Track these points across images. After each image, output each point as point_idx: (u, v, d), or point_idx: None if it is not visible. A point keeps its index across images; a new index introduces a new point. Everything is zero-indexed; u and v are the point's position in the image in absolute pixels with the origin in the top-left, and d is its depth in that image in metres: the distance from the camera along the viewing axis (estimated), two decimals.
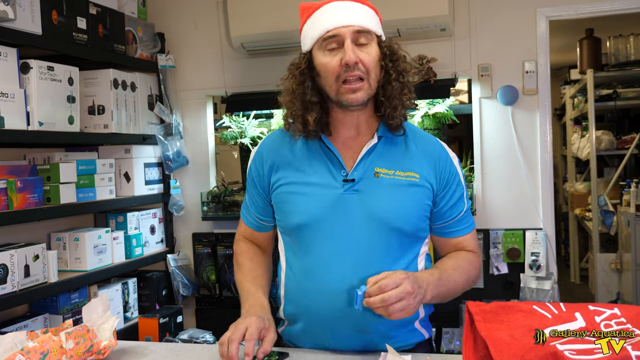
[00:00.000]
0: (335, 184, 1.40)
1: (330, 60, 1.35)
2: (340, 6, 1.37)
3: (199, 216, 3.23)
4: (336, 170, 1.41)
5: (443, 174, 1.44)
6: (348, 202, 1.38)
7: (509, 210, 2.91)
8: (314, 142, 1.45)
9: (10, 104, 2.18)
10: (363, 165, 1.41)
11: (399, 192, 1.39)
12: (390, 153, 1.43)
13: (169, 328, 3.00)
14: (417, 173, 1.41)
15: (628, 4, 2.76)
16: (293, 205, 1.42)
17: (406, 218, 1.39)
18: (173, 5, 3.28)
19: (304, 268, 1.42)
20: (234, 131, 3.25)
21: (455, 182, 1.47)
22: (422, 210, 1.42)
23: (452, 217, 1.47)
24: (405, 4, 2.71)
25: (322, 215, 1.38)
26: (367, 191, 1.38)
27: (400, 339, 1.43)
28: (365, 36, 1.36)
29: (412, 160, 1.43)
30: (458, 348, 2.84)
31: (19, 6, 2.18)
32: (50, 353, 1.22)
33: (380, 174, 1.40)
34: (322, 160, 1.43)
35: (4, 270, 2.17)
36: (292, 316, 1.48)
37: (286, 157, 1.47)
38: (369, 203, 1.38)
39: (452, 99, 3.03)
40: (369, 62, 1.36)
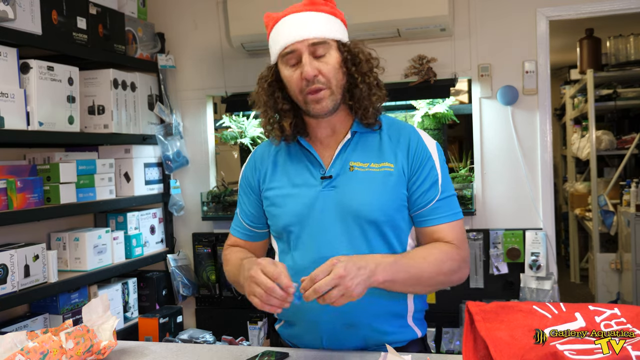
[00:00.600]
0: (315, 182, 1.44)
1: (292, 75, 1.39)
2: (295, 20, 1.39)
3: (199, 216, 3.23)
4: (315, 169, 1.46)
5: (415, 158, 1.44)
6: (327, 199, 1.42)
7: (509, 210, 2.91)
8: (294, 146, 1.50)
9: (10, 104, 2.18)
10: (339, 161, 1.44)
11: (374, 184, 1.41)
12: (365, 146, 1.46)
13: (169, 328, 3.00)
14: (392, 163, 1.43)
15: (628, 4, 2.76)
16: (280, 208, 1.47)
17: (382, 209, 1.41)
18: (173, 5, 3.28)
19: (293, 267, 1.44)
20: (234, 131, 3.25)
21: (429, 167, 1.44)
22: (399, 200, 1.43)
23: (424, 203, 1.43)
24: (405, 4, 2.72)
25: (305, 214, 1.43)
26: (343, 186, 1.42)
27: (392, 335, 1.43)
28: (322, 46, 1.38)
29: (386, 150, 1.45)
30: (458, 348, 2.84)
31: (19, 6, 2.18)
32: (50, 353, 1.22)
33: (355, 168, 1.43)
34: (302, 161, 1.48)
35: (4, 270, 2.17)
36: (286, 315, 1.50)
37: (272, 164, 1.52)
38: (345, 197, 1.41)
39: (452, 99, 3.03)
40: (328, 72, 1.38)
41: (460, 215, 1.47)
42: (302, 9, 1.40)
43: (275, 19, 1.43)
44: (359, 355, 1.37)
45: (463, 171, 3.08)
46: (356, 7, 2.76)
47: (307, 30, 1.37)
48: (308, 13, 1.40)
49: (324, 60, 1.38)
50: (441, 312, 2.99)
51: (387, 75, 3.19)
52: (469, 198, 2.88)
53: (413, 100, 3.06)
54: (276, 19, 1.43)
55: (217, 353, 1.42)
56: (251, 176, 1.56)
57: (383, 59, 1.52)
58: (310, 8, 1.41)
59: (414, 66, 2.94)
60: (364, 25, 2.78)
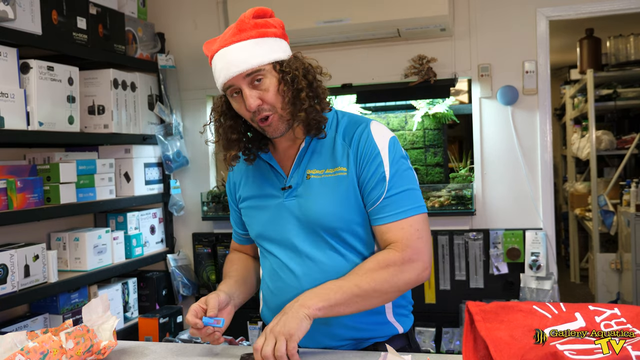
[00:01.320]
0: (277, 193, 1.47)
1: (239, 107, 1.41)
2: (225, 55, 1.38)
3: (199, 216, 3.23)
4: (278, 180, 1.49)
5: (363, 156, 1.40)
6: (288, 208, 1.45)
7: (509, 210, 2.91)
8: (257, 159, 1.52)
9: (10, 104, 2.18)
10: (298, 170, 1.46)
11: (328, 190, 1.41)
12: (320, 153, 1.46)
13: (169, 328, 3.00)
14: (344, 166, 1.42)
15: (628, 4, 2.76)
16: (250, 219, 1.54)
17: (337, 215, 1.40)
18: (173, 5, 3.28)
19: (269, 271, 1.51)
20: None
21: (375, 164, 1.39)
22: (354, 203, 1.41)
23: (372, 202, 1.39)
24: (405, 4, 2.72)
25: (269, 224, 1.47)
26: (301, 195, 1.44)
27: (366, 331, 1.44)
28: (258, 74, 1.37)
29: (339, 154, 1.43)
30: (458, 348, 2.84)
31: (19, 6, 2.18)
32: (50, 353, 1.22)
33: (311, 176, 1.44)
34: (266, 172, 1.51)
35: (4, 270, 2.17)
36: (264, 315, 1.59)
37: (244, 175, 1.57)
38: (304, 206, 1.43)
39: (452, 99, 3.04)
40: (270, 98, 1.38)
41: (413, 211, 1.37)
42: (230, 41, 1.38)
43: (211, 52, 1.43)
44: (359, 355, 1.37)
45: (463, 171, 3.08)
46: (356, 7, 2.76)
47: (237, 65, 1.36)
48: (236, 45, 1.37)
49: (263, 87, 1.37)
50: (441, 312, 2.99)
51: (387, 75, 3.21)
52: (469, 198, 2.88)
53: (413, 100, 3.06)
54: (212, 53, 1.42)
55: (217, 353, 1.42)
56: (230, 186, 1.63)
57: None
58: (237, 39, 1.38)
59: (414, 66, 2.94)
60: (364, 25, 2.78)
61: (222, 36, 1.43)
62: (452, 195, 2.91)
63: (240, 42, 1.38)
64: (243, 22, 1.40)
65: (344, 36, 2.91)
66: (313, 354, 1.39)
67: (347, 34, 2.85)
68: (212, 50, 1.42)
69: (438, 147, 3.14)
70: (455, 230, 2.94)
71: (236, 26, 1.40)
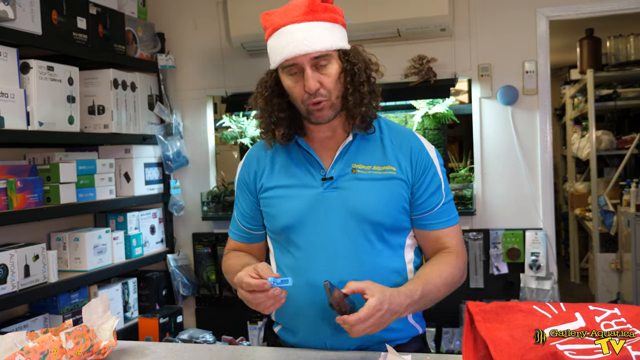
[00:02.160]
0: (315, 184, 1.44)
1: (293, 85, 1.39)
2: (296, 31, 1.36)
3: (199, 216, 3.23)
4: (315, 170, 1.46)
5: (418, 164, 1.46)
6: (328, 200, 1.42)
7: (509, 210, 2.91)
8: (293, 146, 1.50)
9: (10, 104, 2.18)
10: (340, 162, 1.45)
11: (377, 186, 1.42)
12: (367, 149, 1.47)
13: (169, 328, 3.01)
14: (394, 166, 1.45)
15: (628, 4, 2.76)
16: (278, 209, 1.47)
17: (385, 211, 1.42)
18: (173, 5, 3.28)
19: (292, 266, 1.46)
20: (234, 131, 3.25)
21: (432, 173, 1.47)
22: (401, 202, 1.44)
23: (429, 208, 1.46)
24: (405, 4, 2.72)
25: (305, 215, 1.43)
26: (345, 188, 1.43)
27: (394, 332, 1.45)
28: (324, 58, 1.37)
29: (388, 154, 1.46)
30: (458, 348, 2.84)
31: (19, 6, 2.18)
32: (50, 353, 1.22)
33: (357, 170, 1.44)
34: (300, 161, 1.48)
35: (4, 270, 2.17)
36: (286, 317, 1.50)
37: (269, 163, 1.52)
38: (348, 199, 1.42)
39: (452, 99, 3.03)
40: (329, 84, 1.38)
41: (458, 218, 1.52)
42: (302, 19, 1.37)
43: (274, 25, 1.40)
44: (359, 356, 1.37)
45: (463, 171, 3.08)
46: (356, 7, 2.76)
47: (309, 44, 1.35)
48: (309, 24, 1.36)
49: (325, 72, 1.38)
50: (441, 312, 2.99)
51: (387, 75, 3.19)
52: (469, 198, 2.88)
53: (413, 100, 3.06)
54: (275, 26, 1.39)
55: (217, 353, 1.42)
56: (247, 177, 1.55)
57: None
58: (310, 17, 1.37)
59: (414, 66, 2.94)
60: (364, 25, 2.78)
61: (285, 11, 1.39)
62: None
63: (313, 21, 1.37)
64: (314, 2, 1.38)
65: None
66: (313, 354, 1.39)
67: (348, 33, 2.84)
68: (277, 24, 1.39)
69: (438, 147, 3.14)
70: None
71: (307, 5, 1.37)
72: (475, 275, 2.94)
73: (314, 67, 1.37)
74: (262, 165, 1.53)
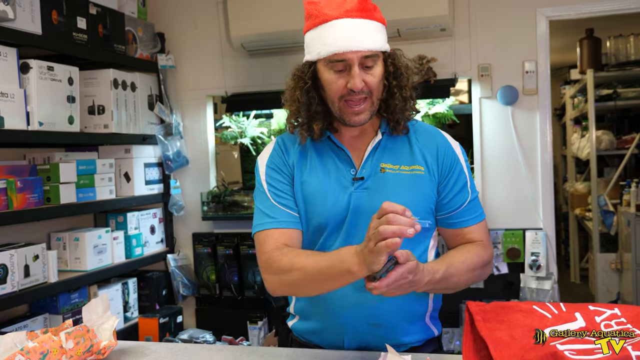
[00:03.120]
0: (346, 183, 1.42)
1: (335, 81, 1.36)
2: (349, 26, 1.33)
3: (199, 216, 3.23)
4: (345, 169, 1.44)
5: (445, 162, 1.45)
6: (359, 200, 1.40)
7: (509, 210, 2.91)
8: (323, 142, 1.47)
9: (10, 104, 2.18)
10: (370, 162, 1.44)
11: (405, 186, 1.41)
12: (394, 149, 1.46)
13: (169, 328, 3.00)
14: (422, 166, 1.44)
15: (628, 4, 2.76)
16: (312, 207, 1.43)
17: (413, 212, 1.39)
18: (173, 5, 3.28)
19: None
20: (234, 131, 3.25)
21: (458, 170, 1.46)
22: (429, 202, 1.44)
23: (456, 206, 1.46)
24: (405, 4, 2.71)
25: (337, 215, 1.41)
26: (375, 188, 1.41)
27: (412, 334, 1.45)
28: (372, 59, 1.35)
29: (416, 154, 1.45)
30: (458, 348, 2.84)
31: (19, 6, 2.18)
32: (50, 353, 1.22)
33: (386, 170, 1.42)
34: (331, 159, 1.45)
35: (4, 270, 2.17)
36: (305, 312, 1.49)
37: (299, 156, 1.48)
38: (377, 199, 1.38)
39: (452, 99, 3.03)
40: (373, 84, 1.36)
41: (484, 214, 1.51)
42: (355, 15, 1.34)
43: (321, 16, 1.36)
44: (359, 355, 1.37)
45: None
46: None
47: (362, 42, 1.33)
48: (363, 21, 1.34)
49: (371, 72, 1.36)
50: (441, 312, 2.98)
51: None
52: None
53: None
54: (323, 18, 1.35)
55: (217, 353, 1.42)
56: (282, 160, 1.47)
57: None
58: (364, 15, 1.35)
59: (414, 66, 2.94)
60: None
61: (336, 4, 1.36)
62: None
63: (368, 19, 1.35)
64: (368, 0, 1.36)
65: None
66: (313, 353, 1.39)
67: None
68: (328, 15, 1.35)
69: None
70: None
71: (359, 2, 1.35)
72: None
73: (361, 65, 1.35)
74: (292, 155, 1.48)
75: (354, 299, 1.38)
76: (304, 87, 1.41)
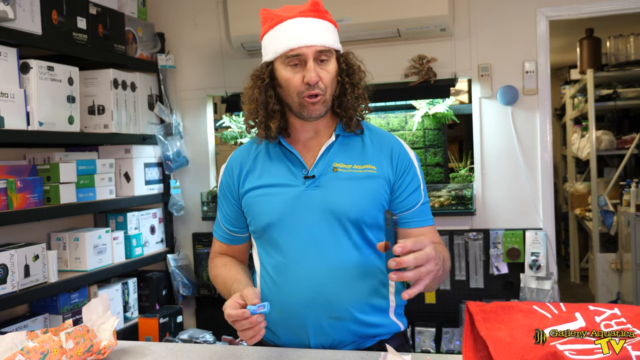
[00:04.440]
0: (297, 182, 1.47)
1: (292, 77, 1.42)
2: (302, 24, 1.42)
3: (199, 216, 3.23)
4: (297, 170, 1.48)
5: (399, 163, 1.50)
6: (310, 198, 1.45)
7: (509, 210, 2.91)
8: (275, 147, 1.53)
9: (10, 104, 2.18)
10: (322, 162, 1.48)
11: (357, 184, 1.46)
12: (348, 149, 1.51)
13: (169, 328, 3.00)
14: (375, 165, 1.48)
15: (628, 4, 2.76)
16: (260, 207, 1.49)
17: (365, 209, 1.45)
18: (173, 5, 3.28)
19: (275, 264, 1.48)
20: (234, 131, 3.25)
21: (412, 173, 1.51)
22: (381, 200, 1.48)
23: (410, 205, 1.50)
24: (405, 4, 2.72)
25: (287, 212, 1.46)
26: (326, 186, 1.45)
27: (377, 327, 1.47)
28: (326, 54, 1.42)
29: (369, 154, 1.50)
30: (458, 348, 2.84)
31: (19, 6, 2.18)
32: (50, 353, 1.22)
33: (338, 169, 1.47)
34: (283, 162, 1.50)
35: (4, 270, 2.17)
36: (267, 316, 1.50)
37: (251, 165, 1.54)
38: (329, 197, 1.44)
39: (452, 99, 3.03)
40: (327, 79, 1.43)
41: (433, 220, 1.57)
42: (308, 14, 1.43)
43: (277, 18, 1.45)
44: (359, 356, 1.37)
45: (463, 171, 3.08)
46: (356, 7, 2.76)
47: (316, 37, 1.40)
48: (315, 20, 1.43)
49: (326, 68, 1.43)
50: (441, 312, 2.99)
51: (387, 75, 3.20)
52: (469, 198, 2.88)
53: (413, 100, 3.06)
54: (279, 19, 1.44)
55: (217, 353, 1.42)
56: (230, 181, 1.57)
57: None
58: (316, 15, 1.44)
59: (414, 66, 2.94)
60: (364, 25, 2.78)
61: (289, 9, 1.45)
62: (452, 195, 2.91)
63: (320, 19, 1.44)
64: (318, 3, 1.46)
65: (344, 36, 2.87)
66: (313, 354, 1.39)
67: (347, 33, 2.85)
68: (281, 16, 1.44)
69: (438, 147, 3.14)
70: (455, 230, 2.94)
71: (312, 4, 1.45)
72: (475, 275, 2.95)
73: (316, 61, 1.41)
74: (245, 167, 1.55)
75: (313, 294, 1.41)
76: (262, 85, 1.48)
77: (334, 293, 1.41)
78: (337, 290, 1.41)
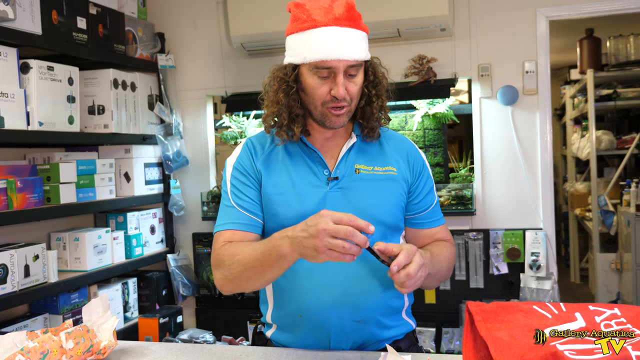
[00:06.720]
0: (320, 183, 1.45)
1: (319, 86, 1.38)
2: (337, 35, 1.35)
3: (199, 216, 3.23)
4: (319, 170, 1.46)
5: (415, 166, 1.52)
6: (334, 200, 1.43)
7: (509, 210, 2.91)
8: (293, 145, 1.50)
9: (10, 104, 2.18)
10: (344, 163, 1.47)
11: (379, 186, 1.46)
12: (368, 151, 1.51)
13: (169, 328, 3.01)
14: (394, 167, 1.49)
15: (628, 4, 2.76)
16: (282, 207, 1.43)
17: (387, 210, 1.46)
18: (173, 5, 3.28)
19: (297, 267, 1.41)
20: (234, 131, 3.25)
21: (426, 175, 1.55)
22: (400, 202, 1.49)
23: (425, 207, 1.53)
24: (405, 4, 2.72)
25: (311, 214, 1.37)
26: (350, 188, 1.45)
27: (393, 328, 1.47)
28: (355, 68, 1.39)
29: (388, 156, 1.51)
30: (458, 348, 2.84)
31: (19, 6, 2.18)
32: (50, 353, 1.22)
33: (360, 171, 1.47)
34: (304, 161, 1.48)
35: (4, 270, 2.17)
36: (284, 320, 1.49)
37: (267, 159, 1.50)
38: (353, 199, 1.44)
39: (452, 99, 3.03)
40: (354, 91, 1.40)
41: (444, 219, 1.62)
42: (344, 23, 1.36)
43: (310, 21, 1.37)
44: (359, 356, 1.37)
45: (463, 171, 3.08)
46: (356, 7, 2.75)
47: (349, 52, 1.35)
48: (350, 30, 1.37)
49: (354, 80, 1.40)
50: (441, 312, 2.99)
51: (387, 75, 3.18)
52: (469, 198, 2.88)
53: (413, 100, 3.06)
54: (312, 23, 1.36)
55: (217, 353, 1.42)
56: (249, 163, 1.48)
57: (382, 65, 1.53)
58: (351, 24, 1.37)
59: (414, 66, 2.94)
60: None
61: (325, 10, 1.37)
62: (452, 195, 2.91)
63: (355, 29, 1.39)
64: (353, 8, 1.39)
65: None
66: (313, 354, 1.39)
67: None
68: (317, 21, 1.36)
69: (438, 147, 3.14)
70: (455, 230, 2.94)
71: (347, 10, 1.38)
72: (475, 275, 2.94)
73: (346, 73, 1.38)
74: (262, 156, 1.49)
75: (337, 299, 1.40)
76: (288, 90, 1.43)
77: (359, 297, 1.40)
78: (362, 294, 1.40)
